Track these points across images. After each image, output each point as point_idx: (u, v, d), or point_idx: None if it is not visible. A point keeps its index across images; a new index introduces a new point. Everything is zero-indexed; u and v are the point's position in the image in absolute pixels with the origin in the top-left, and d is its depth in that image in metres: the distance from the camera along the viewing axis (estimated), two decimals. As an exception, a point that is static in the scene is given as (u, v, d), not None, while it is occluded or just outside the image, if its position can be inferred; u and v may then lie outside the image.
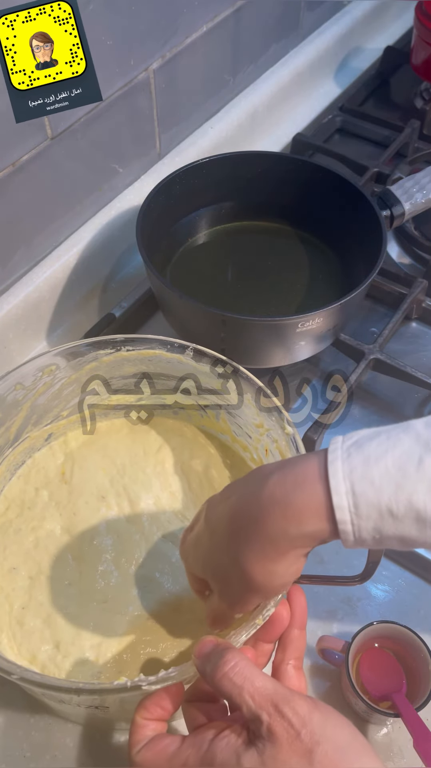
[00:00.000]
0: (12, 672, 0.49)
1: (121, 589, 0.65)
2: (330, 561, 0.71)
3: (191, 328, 0.78)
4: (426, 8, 1.06)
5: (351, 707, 0.62)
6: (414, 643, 0.60)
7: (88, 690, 0.48)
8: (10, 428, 0.67)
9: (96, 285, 0.92)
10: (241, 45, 0.99)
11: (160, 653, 0.61)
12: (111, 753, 0.61)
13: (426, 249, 0.95)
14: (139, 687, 0.47)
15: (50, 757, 0.61)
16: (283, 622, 0.51)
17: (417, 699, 0.58)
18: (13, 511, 0.69)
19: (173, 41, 0.86)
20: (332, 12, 1.20)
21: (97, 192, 0.88)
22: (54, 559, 0.66)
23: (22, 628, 0.62)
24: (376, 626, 0.60)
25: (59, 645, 0.61)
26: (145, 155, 0.92)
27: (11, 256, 0.80)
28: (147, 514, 0.69)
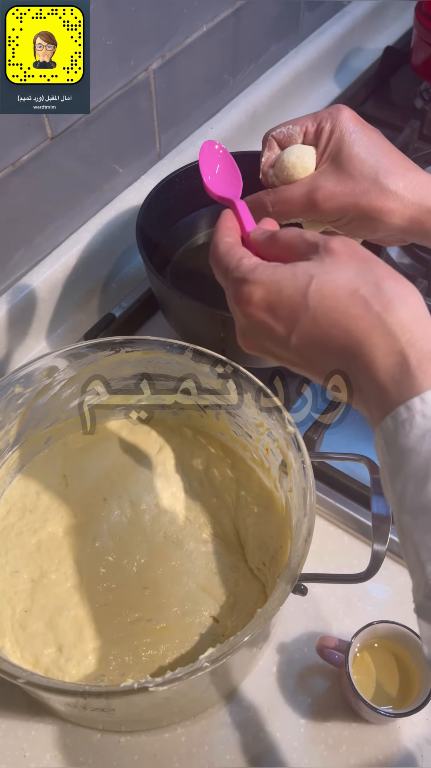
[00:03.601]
0: (18, 676, 0.49)
1: (123, 591, 0.65)
2: (331, 561, 0.71)
3: (191, 328, 0.78)
4: (426, 8, 1.06)
5: (351, 707, 0.62)
6: (414, 643, 0.60)
7: (94, 693, 0.48)
8: (9, 431, 0.66)
9: (96, 285, 0.92)
10: (241, 45, 0.99)
11: (162, 655, 0.61)
12: (111, 753, 0.61)
13: (426, 249, 0.95)
14: (145, 689, 0.47)
15: (50, 757, 0.61)
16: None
17: (417, 699, 0.58)
18: (14, 515, 0.69)
19: (173, 41, 0.86)
20: (332, 12, 1.20)
21: (97, 192, 0.88)
22: (56, 562, 0.66)
23: (25, 631, 0.62)
24: (376, 626, 0.61)
25: (62, 648, 0.61)
26: (145, 155, 0.92)
27: (11, 256, 0.80)
28: (148, 515, 0.69)
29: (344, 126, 0.53)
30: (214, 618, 0.64)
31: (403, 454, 0.38)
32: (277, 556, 0.64)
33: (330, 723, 0.63)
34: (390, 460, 0.40)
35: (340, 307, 0.41)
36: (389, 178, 0.52)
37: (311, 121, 0.55)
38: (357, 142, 0.52)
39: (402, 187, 0.52)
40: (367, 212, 0.52)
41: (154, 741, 0.62)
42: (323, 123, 0.54)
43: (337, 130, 0.53)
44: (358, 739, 0.62)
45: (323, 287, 0.41)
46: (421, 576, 0.38)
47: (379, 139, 0.54)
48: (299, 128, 0.56)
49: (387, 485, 0.41)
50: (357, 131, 0.53)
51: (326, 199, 0.52)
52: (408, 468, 0.38)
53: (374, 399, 0.40)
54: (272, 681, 0.65)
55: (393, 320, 0.40)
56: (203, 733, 0.62)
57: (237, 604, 0.64)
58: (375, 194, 0.51)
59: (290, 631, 0.67)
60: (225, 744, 0.62)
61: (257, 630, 0.50)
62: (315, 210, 0.54)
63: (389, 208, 0.51)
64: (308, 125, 0.55)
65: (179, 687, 0.49)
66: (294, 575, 0.53)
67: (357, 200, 0.52)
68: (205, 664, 0.49)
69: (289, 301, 0.42)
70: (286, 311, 0.42)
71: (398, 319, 0.40)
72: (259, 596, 0.65)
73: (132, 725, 0.62)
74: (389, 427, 0.39)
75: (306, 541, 0.54)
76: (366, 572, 0.54)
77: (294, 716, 0.63)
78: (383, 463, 0.41)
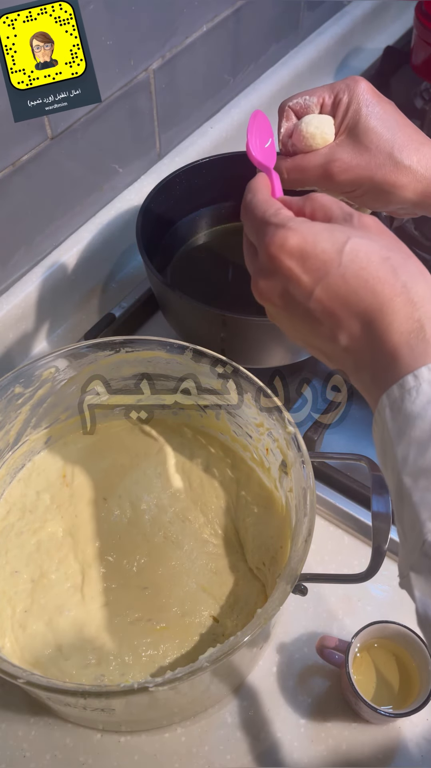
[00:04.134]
0: (18, 676, 0.49)
1: (123, 591, 0.65)
2: (331, 561, 0.71)
3: (191, 328, 0.78)
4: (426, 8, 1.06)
5: (351, 707, 0.62)
6: (414, 643, 0.60)
7: (94, 693, 0.48)
8: (9, 431, 0.66)
9: (96, 285, 0.92)
10: (241, 45, 0.99)
11: (162, 655, 0.61)
12: (111, 753, 0.61)
13: (426, 249, 0.95)
14: (145, 689, 0.47)
15: (50, 757, 0.61)
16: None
17: (417, 699, 0.58)
18: (14, 515, 0.69)
19: (173, 41, 0.86)
20: (332, 12, 1.20)
21: (97, 192, 0.88)
22: (56, 562, 0.66)
23: (25, 631, 0.62)
24: (376, 626, 0.61)
25: (62, 648, 0.61)
26: (145, 155, 0.92)
27: (11, 256, 0.80)
28: (148, 515, 0.69)
29: (361, 98, 0.54)
30: (213, 618, 0.64)
31: (408, 420, 0.40)
32: (277, 556, 0.64)
33: (330, 723, 0.63)
34: (394, 426, 0.41)
35: (371, 269, 0.42)
36: (403, 153, 0.53)
37: (328, 92, 0.56)
38: (373, 115, 0.54)
39: (416, 162, 0.53)
40: (381, 186, 0.53)
41: (154, 741, 0.62)
42: (340, 95, 0.55)
43: (354, 102, 0.54)
44: (358, 739, 0.62)
45: (359, 248, 0.43)
46: (419, 535, 0.38)
47: (395, 112, 0.55)
48: (316, 99, 0.57)
49: (387, 454, 0.42)
50: (373, 104, 0.54)
51: (342, 171, 0.54)
52: (413, 433, 0.39)
53: (384, 366, 0.42)
54: (272, 681, 0.65)
55: (415, 291, 0.41)
56: (203, 733, 0.62)
57: (237, 604, 0.64)
58: (389, 168, 0.53)
59: (290, 631, 0.67)
60: (225, 744, 0.62)
61: (257, 630, 0.50)
62: (331, 181, 0.55)
63: (402, 182, 0.53)
64: (325, 97, 0.56)
65: (179, 687, 0.49)
66: (294, 575, 0.53)
67: (372, 174, 0.53)
68: (205, 664, 0.49)
69: (323, 254, 0.43)
70: (318, 263, 0.43)
71: (420, 292, 0.41)
72: (259, 596, 0.65)
73: (132, 725, 0.62)
74: (395, 394, 0.40)
75: (306, 541, 0.54)
76: (366, 572, 0.54)
77: (294, 716, 0.63)
78: (384, 431, 0.42)
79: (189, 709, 0.62)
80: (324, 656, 0.63)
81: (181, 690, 0.52)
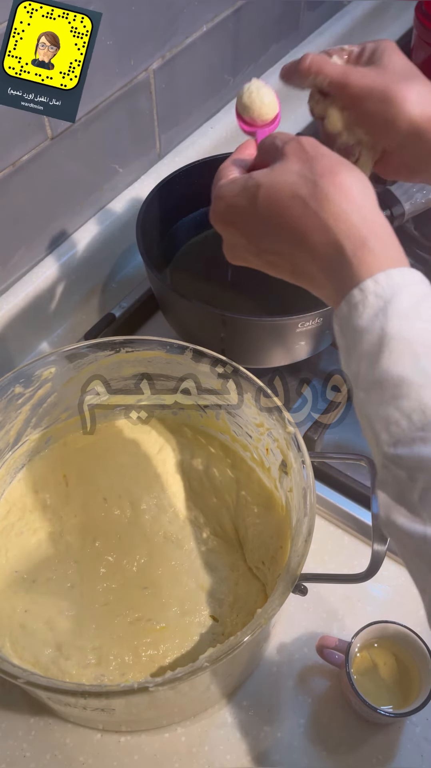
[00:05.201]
0: (18, 676, 0.49)
1: (123, 591, 0.65)
2: (331, 561, 0.71)
3: (191, 328, 0.78)
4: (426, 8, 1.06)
5: (351, 707, 0.62)
6: (414, 643, 0.60)
7: (94, 693, 0.48)
8: (9, 431, 0.67)
9: (96, 285, 0.92)
10: (241, 45, 0.99)
11: (162, 655, 0.61)
12: (111, 753, 0.61)
13: (426, 249, 0.95)
14: (146, 689, 0.47)
15: (50, 757, 0.61)
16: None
17: (417, 699, 0.58)
18: (14, 515, 0.69)
19: (173, 41, 0.86)
20: (332, 12, 1.20)
21: (97, 192, 0.88)
22: (56, 561, 0.66)
23: (25, 631, 0.62)
24: (376, 626, 0.61)
25: (61, 648, 0.61)
26: (145, 155, 0.92)
27: (11, 256, 0.80)
28: (148, 515, 0.69)
29: (388, 44, 0.57)
30: (213, 618, 0.64)
31: (356, 335, 0.41)
32: (277, 555, 0.64)
33: (330, 723, 0.63)
34: (344, 342, 0.42)
35: (283, 210, 0.44)
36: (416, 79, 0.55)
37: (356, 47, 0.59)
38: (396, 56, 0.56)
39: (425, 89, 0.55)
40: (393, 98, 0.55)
41: (154, 741, 0.62)
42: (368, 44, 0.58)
43: (380, 46, 0.57)
44: (358, 739, 0.62)
45: (269, 194, 0.45)
46: (379, 449, 0.40)
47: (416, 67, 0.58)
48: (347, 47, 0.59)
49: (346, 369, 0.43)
50: (399, 54, 0.57)
51: (359, 77, 0.55)
52: (362, 347, 0.40)
53: (330, 292, 0.44)
54: (272, 681, 0.65)
55: (327, 215, 0.43)
56: (203, 733, 0.62)
57: (237, 603, 0.64)
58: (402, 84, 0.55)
59: (290, 631, 0.67)
60: (225, 744, 0.62)
61: (257, 630, 0.50)
62: (346, 82, 0.56)
63: (411, 98, 0.54)
64: (354, 49, 0.59)
65: (179, 687, 0.49)
66: (294, 575, 0.53)
67: (386, 85, 0.55)
68: (205, 664, 0.49)
69: (245, 211, 0.46)
70: (243, 220, 0.47)
71: (332, 213, 0.43)
72: (259, 596, 0.65)
73: (132, 725, 0.62)
74: (343, 311, 0.42)
75: (306, 541, 0.54)
76: (366, 572, 0.54)
77: (294, 716, 0.63)
78: (340, 348, 0.43)
79: (189, 709, 0.62)
80: (324, 656, 0.63)
81: (181, 690, 0.52)
